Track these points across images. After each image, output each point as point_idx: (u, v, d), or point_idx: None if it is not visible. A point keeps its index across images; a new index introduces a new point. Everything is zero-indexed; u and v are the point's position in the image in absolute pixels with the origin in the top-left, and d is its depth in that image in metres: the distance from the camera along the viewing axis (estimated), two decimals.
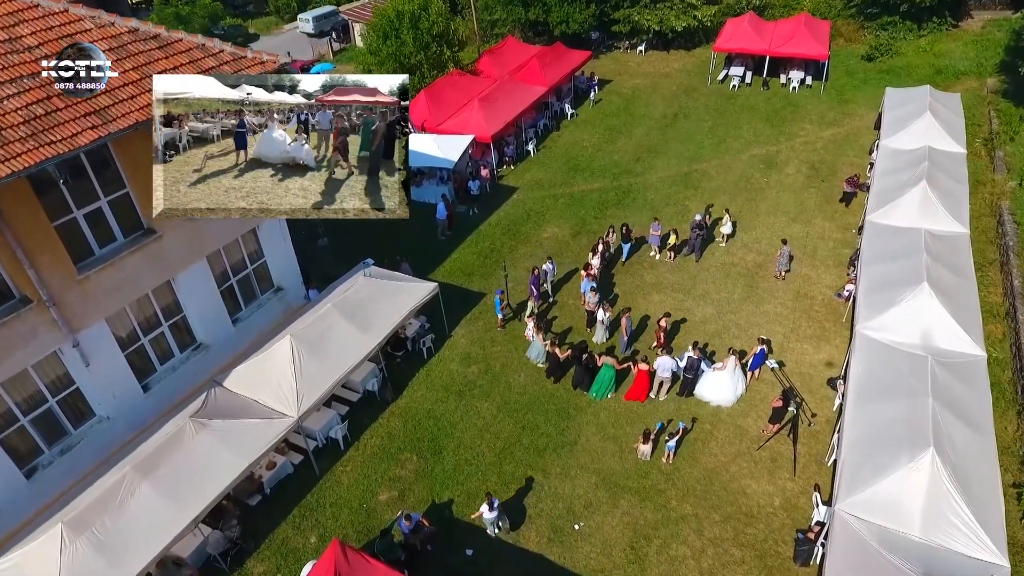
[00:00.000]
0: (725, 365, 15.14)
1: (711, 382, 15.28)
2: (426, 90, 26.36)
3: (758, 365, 15.73)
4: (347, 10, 47.43)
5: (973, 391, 12.68)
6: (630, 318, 16.46)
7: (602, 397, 15.57)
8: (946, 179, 18.40)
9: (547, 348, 15.63)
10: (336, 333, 14.97)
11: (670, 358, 15.12)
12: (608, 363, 15.17)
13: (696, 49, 35.13)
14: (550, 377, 16.00)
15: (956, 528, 10.42)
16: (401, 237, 21.91)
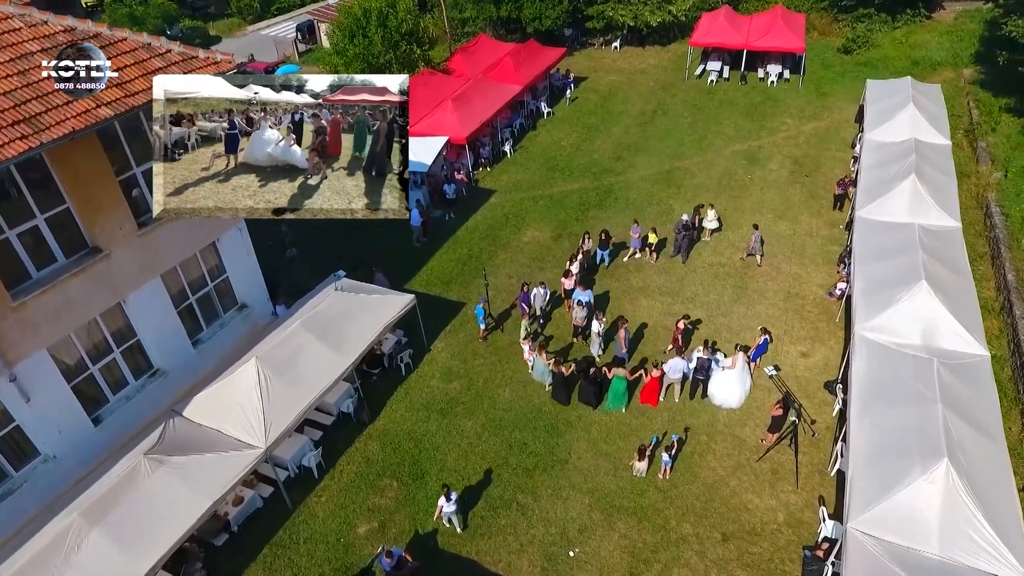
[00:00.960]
0: (735, 364, 14.51)
1: (720, 382, 14.66)
2: None
3: (760, 355, 15.29)
4: (313, 10, 46.08)
5: (979, 394, 12.14)
6: (627, 328, 15.64)
7: (617, 409, 14.79)
8: (934, 172, 17.99)
9: (551, 367, 14.72)
10: (306, 353, 13.92)
11: (681, 359, 14.43)
12: (620, 375, 14.38)
13: (671, 44, 34.59)
14: (556, 398, 15.09)
15: (975, 544, 9.81)
16: (374, 245, 20.88)
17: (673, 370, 14.26)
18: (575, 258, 17.84)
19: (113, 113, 10.87)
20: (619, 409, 14.71)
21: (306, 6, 51.11)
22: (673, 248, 19.37)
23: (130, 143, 12.28)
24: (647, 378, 14.29)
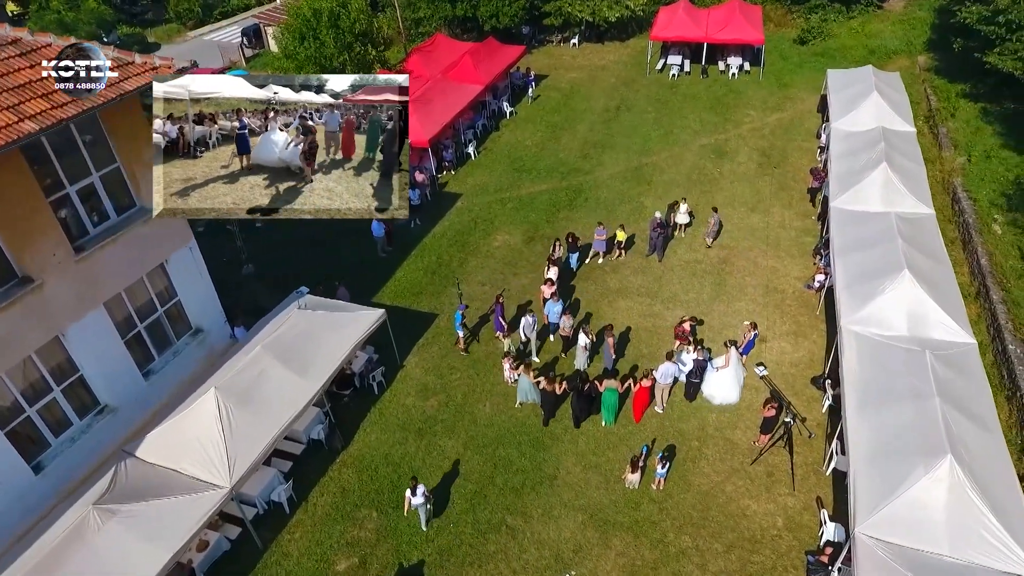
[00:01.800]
0: (728, 362, 14.08)
1: (717, 382, 14.21)
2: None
3: (750, 350, 15.01)
4: (259, 13, 44.33)
5: (971, 384, 11.95)
6: (614, 335, 15.01)
7: (610, 423, 14.14)
8: (903, 159, 17.97)
9: (541, 386, 13.96)
10: (270, 380, 12.89)
11: (672, 363, 13.87)
12: (611, 387, 13.73)
13: (630, 40, 34.31)
14: (545, 415, 14.29)
15: (986, 541, 9.52)
16: (336, 258, 19.87)
17: (664, 376, 13.71)
18: (549, 266, 17.09)
19: (38, 127, 9.68)
20: (610, 423, 14.09)
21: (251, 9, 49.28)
22: (648, 247, 18.90)
23: (61, 159, 11.08)
24: (636, 388, 13.70)
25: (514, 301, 17.80)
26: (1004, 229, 16.77)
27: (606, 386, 13.60)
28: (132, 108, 12.05)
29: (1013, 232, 16.64)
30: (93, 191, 11.78)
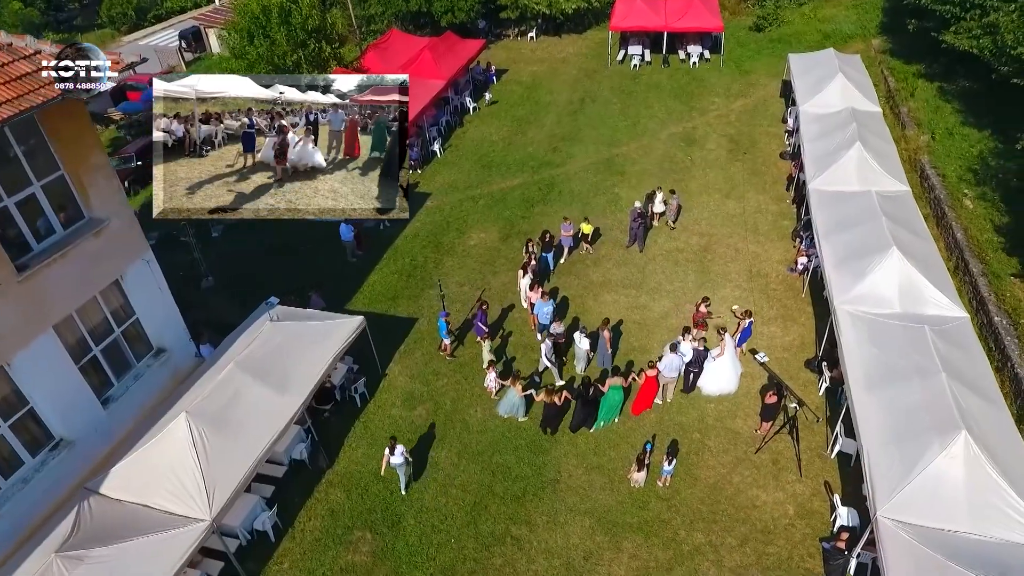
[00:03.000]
0: (723, 351, 13.74)
1: (712, 374, 13.85)
2: None
3: (745, 340, 14.65)
4: (198, 15, 42.33)
5: (970, 357, 11.92)
6: (611, 331, 14.48)
7: (610, 422, 13.59)
8: (874, 139, 18.09)
9: (540, 399, 13.27)
10: (246, 399, 11.90)
11: (677, 356, 13.37)
12: (616, 384, 13.19)
13: (588, 31, 34.05)
14: (546, 431, 13.57)
15: (1006, 515, 9.40)
16: (302, 266, 18.82)
17: (669, 368, 13.26)
18: (528, 268, 16.38)
19: None
20: (612, 422, 13.58)
21: (188, 12, 47.11)
22: (629, 237, 18.51)
23: None
24: (642, 380, 13.23)
25: (496, 300, 17.14)
26: (975, 203, 17.04)
27: (611, 384, 13.07)
28: (75, 109, 10.89)
29: (983, 206, 16.91)
30: (35, 203, 10.59)
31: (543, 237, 17.67)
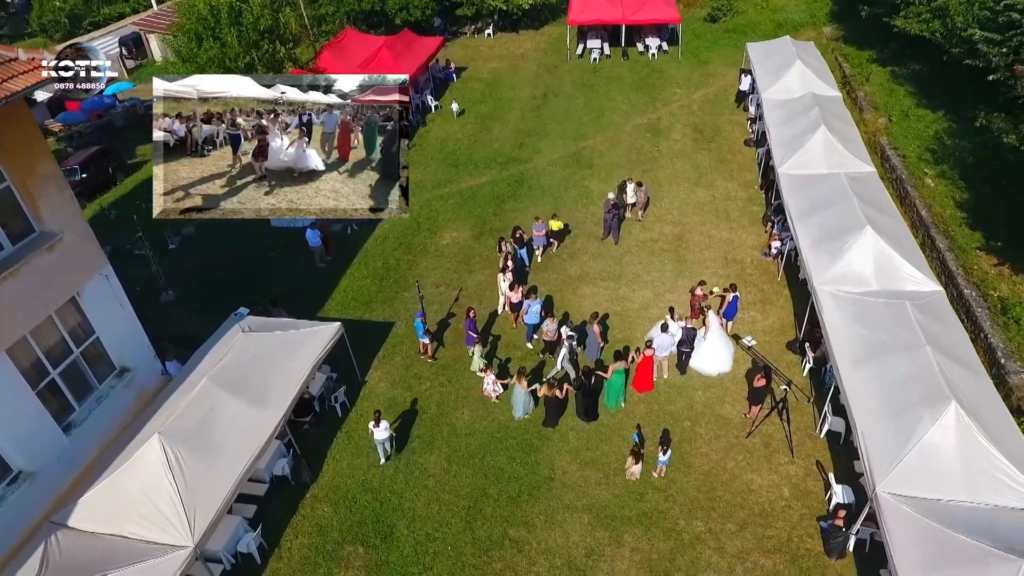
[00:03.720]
0: (708, 330, 13.86)
1: (705, 353, 13.89)
2: None
3: (733, 315, 14.82)
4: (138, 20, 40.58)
5: (949, 329, 12.16)
6: (600, 323, 14.29)
7: (617, 407, 13.47)
8: (837, 122, 18.42)
9: (543, 393, 12.96)
10: (222, 415, 11.27)
11: (668, 335, 13.41)
12: (619, 369, 13.06)
13: (545, 27, 33.94)
14: (549, 426, 13.29)
15: (1000, 482, 9.56)
16: (268, 275, 18.10)
17: (662, 347, 13.30)
18: (507, 270, 16.04)
19: None
20: (619, 406, 13.47)
21: (127, 18, 45.12)
22: (603, 230, 18.39)
23: None
24: (640, 359, 13.13)
25: (475, 299, 16.79)
26: (936, 182, 17.52)
27: (614, 369, 12.93)
28: (19, 114, 10.12)
29: (944, 184, 17.41)
30: None
31: (514, 234, 17.38)
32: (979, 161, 17.40)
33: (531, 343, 15.14)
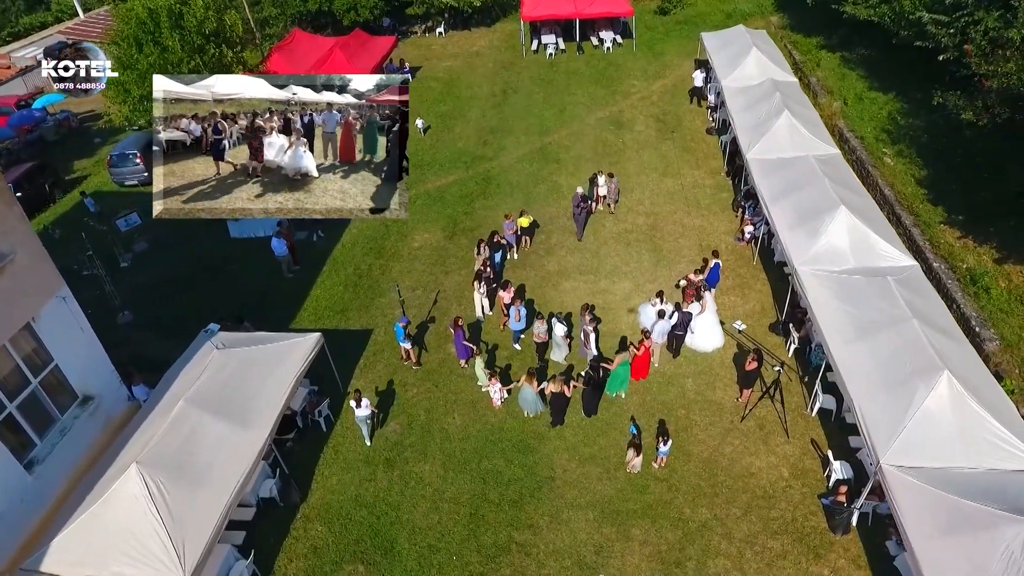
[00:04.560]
0: (704, 307, 13.94)
1: (701, 332, 14.04)
2: None
3: (716, 281, 15.16)
4: (65, 29, 38.24)
5: (930, 301, 12.47)
6: (593, 314, 14.10)
7: (616, 394, 13.43)
8: (798, 107, 18.80)
9: (551, 390, 12.60)
10: (205, 438, 10.57)
11: (665, 320, 13.42)
12: (625, 359, 12.94)
13: (497, 23, 33.69)
14: (557, 425, 13.02)
15: (996, 447, 9.79)
16: (232, 289, 17.26)
17: (660, 333, 13.34)
18: (483, 278, 15.63)
19: None
20: (622, 392, 13.40)
21: (50, 27, 42.56)
22: (578, 228, 18.12)
23: None
24: (640, 350, 13.00)
25: (454, 300, 16.42)
26: (895, 161, 18.07)
27: (620, 360, 12.78)
28: None
29: (902, 163, 17.97)
30: None
31: (491, 238, 17.04)
32: (932, 139, 18.04)
33: (518, 344, 14.83)
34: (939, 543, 8.71)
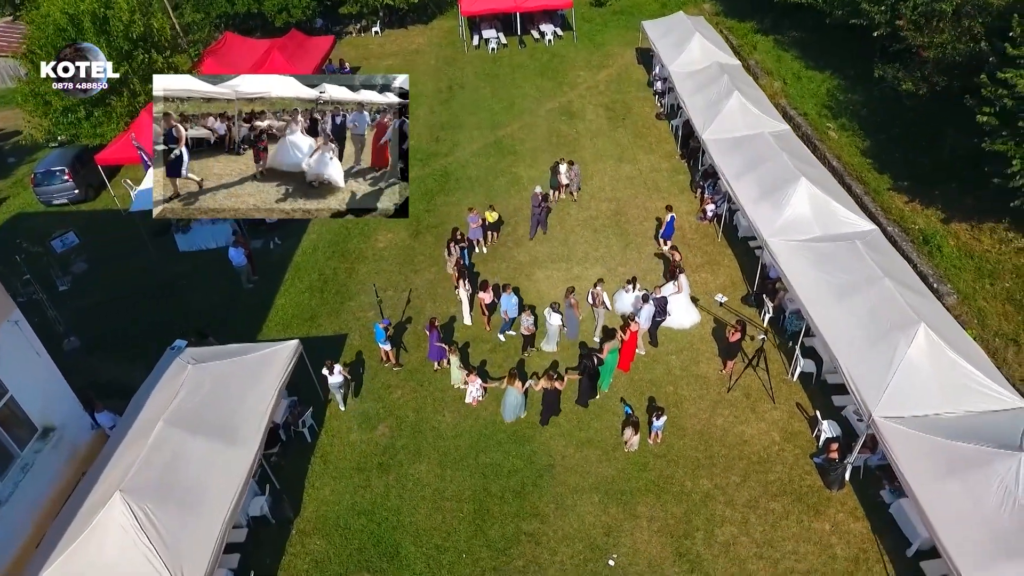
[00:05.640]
0: (680, 287, 14.20)
1: (679, 310, 14.29)
2: (147, 110, 20.18)
3: (671, 234, 16.25)
4: None
5: (895, 261, 13.10)
6: (576, 299, 14.01)
7: (607, 387, 13.31)
8: (745, 87, 19.43)
9: (540, 387, 12.35)
10: (189, 460, 9.93)
11: (650, 304, 13.49)
12: (614, 348, 12.82)
13: (434, 20, 33.33)
14: (545, 423, 12.77)
15: (973, 391, 10.36)
16: (186, 306, 16.37)
17: (646, 318, 13.37)
18: (464, 279, 15.28)
19: None
20: (609, 381, 13.32)
21: None
22: (531, 227, 17.90)
23: None
24: (627, 337, 13.01)
25: (426, 299, 16.09)
26: (838, 134, 18.95)
27: (609, 348, 12.70)
28: None
29: (846, 135, 18.87)
30: None
31: (454, 236, 16.72)
32: (871, 112, 19.03)
33: (503, 336, 14.65)
34: (938, 485, 9.13)
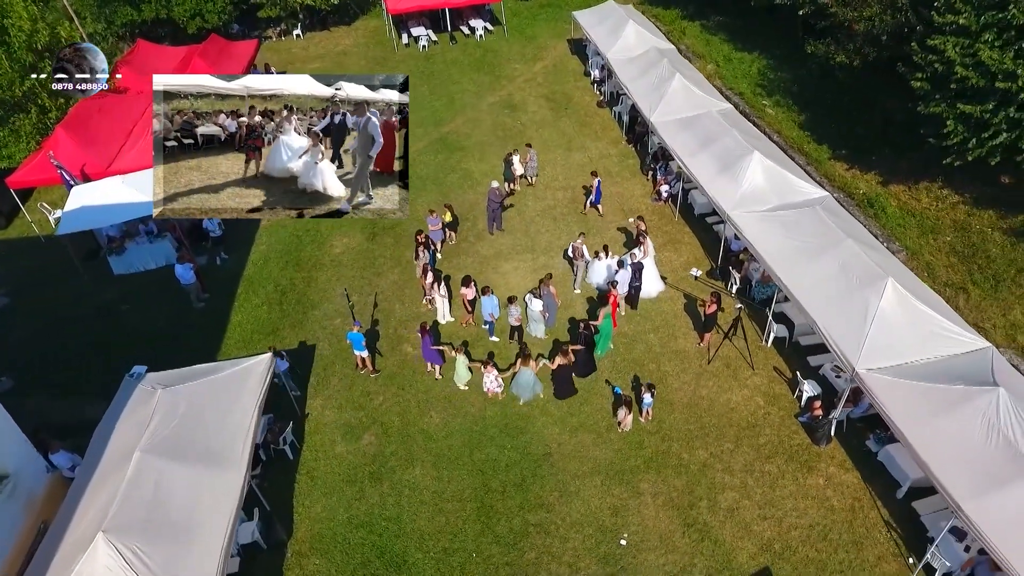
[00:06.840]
0: (646, 250, 14.67)
1: (647, 279, 14.63)
2: (63, 126, 18.69)
3: (600, 198, 17.36)
4: None
5: (851, 223, 13.76)
6: (552, 285, 13.87)
7: (605, 352, 13.54)
8: (685, 70, 19.94)
9: (556, 364, 12.21)
10: (174, 490, 9.16)
11: (626, 269, 13.76)
12: (607, 313, 12.96)
13: (357, 21, 32.42)
14: (566, 396, 12.77)
15: (943, 337, 10.99)
16: (134, 330, 15.24)
17: (624, 283, 13.73)
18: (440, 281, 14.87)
19: None
20: (610, 346, 13.58)
21: None
22: (488, 221, 17.69)
23: None
24: (612, 302, 13.12)
25: (393, 301, 15.61)
26: (775, 110, 19.81)
27: (604, 314, 12.74)
28: None
29: (782, 111, 19.75)
30: None
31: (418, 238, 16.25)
32: (802, 88, 20.00)
33: (495, 336, 14.37)
34: (927, 427, 9.63)
